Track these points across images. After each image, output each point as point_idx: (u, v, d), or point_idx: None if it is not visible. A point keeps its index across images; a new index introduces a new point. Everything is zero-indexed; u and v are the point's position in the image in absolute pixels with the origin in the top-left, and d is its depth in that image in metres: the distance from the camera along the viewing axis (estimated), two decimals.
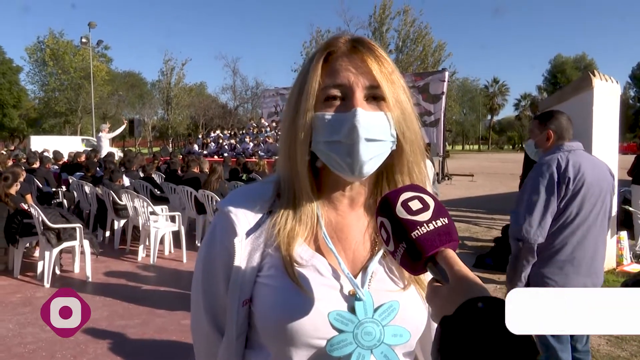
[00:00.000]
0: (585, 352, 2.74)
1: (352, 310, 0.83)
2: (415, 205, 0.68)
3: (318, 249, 0.87)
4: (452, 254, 0.65)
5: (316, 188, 0.89)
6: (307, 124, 0.83)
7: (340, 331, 0.81)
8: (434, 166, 6.26)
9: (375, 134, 0.81)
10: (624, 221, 7.00)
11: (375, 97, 0.83)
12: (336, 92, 0.82)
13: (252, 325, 0.88)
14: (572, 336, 2.61)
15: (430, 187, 0.89)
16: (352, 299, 0.83)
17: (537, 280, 2.52)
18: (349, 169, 0.82)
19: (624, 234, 6.16)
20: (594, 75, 5.60)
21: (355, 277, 0.86)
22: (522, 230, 2.47)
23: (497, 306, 0.54)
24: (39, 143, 22.30)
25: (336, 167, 0.84)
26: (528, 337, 0.51)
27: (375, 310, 0.84)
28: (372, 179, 0.90)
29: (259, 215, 0.88)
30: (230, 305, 0.86)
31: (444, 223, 0.67)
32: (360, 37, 0.88)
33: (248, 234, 0.86)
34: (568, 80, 56.25)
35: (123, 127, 17.86)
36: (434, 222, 0.67)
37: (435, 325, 0.61)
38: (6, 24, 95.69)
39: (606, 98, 5.70)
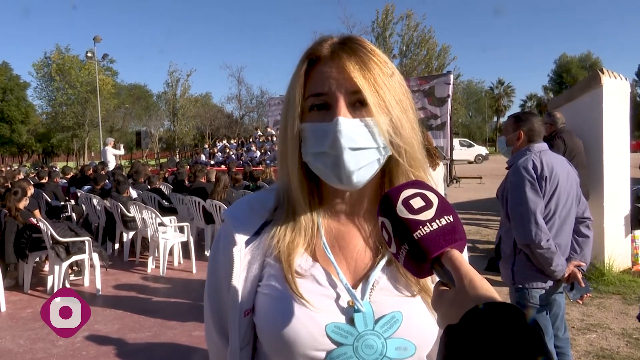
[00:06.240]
0: (565, 339, 2.85)
1: (351, 322, 0.79)
2: (417, 203, 0.64)
3: (318, 259, 0.84)
4: (458, 254, 0.60)
5: (317, 196, 0.87)
6: (295, 135, 0.81)
7: (338, 344, 0.78)
8: (445, 168, 6.20)
9: (361, 142, 0.77)
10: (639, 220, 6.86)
11: (361, 102, 0.78)
12: (319, 100, 0.79)
13: (257, 335, 0.87)
14: (553, 324, 2.73)
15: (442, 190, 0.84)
16: (350, 310, 0.80)
17: (521, 267, 2.68)
18: (338, 179, 0.79)
19: (638, 232, 6.05)
20: (603, 73, 5.55)
21: (356, 286, 0.83)
22: (531, 235, 2.54)
23: (505, 312, 0.49)
24: None
25: (326, 177, 0.81)
26: (542, 347, 0.46)
27: (376, 322, 0.80)
28: (373, 184, 0.86)
29: (259, 224, 0.86)
30: (231, 314, 0.84)
31: (449, 221, 0.62)
32: (349, 37, 0.83)
33: (247, 242, 0.84)
34: (574, 79, 56.00)
35: (122, 152, 18.05)
36: (437, 221, 0.62)
37: None
38: (13, 41, 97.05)
39: (616, 96, 5.65)
